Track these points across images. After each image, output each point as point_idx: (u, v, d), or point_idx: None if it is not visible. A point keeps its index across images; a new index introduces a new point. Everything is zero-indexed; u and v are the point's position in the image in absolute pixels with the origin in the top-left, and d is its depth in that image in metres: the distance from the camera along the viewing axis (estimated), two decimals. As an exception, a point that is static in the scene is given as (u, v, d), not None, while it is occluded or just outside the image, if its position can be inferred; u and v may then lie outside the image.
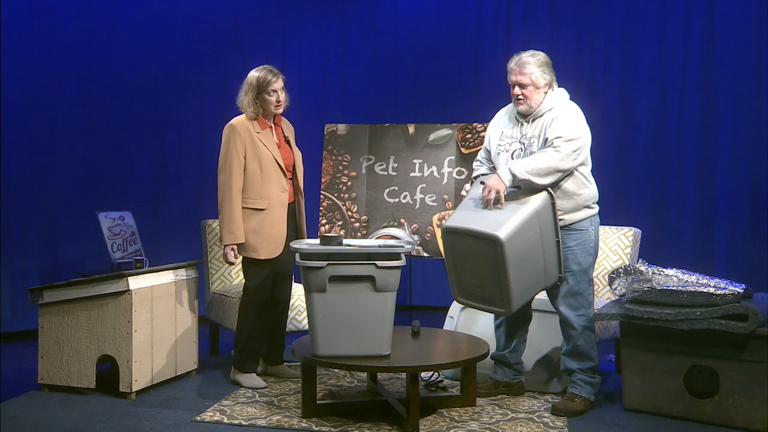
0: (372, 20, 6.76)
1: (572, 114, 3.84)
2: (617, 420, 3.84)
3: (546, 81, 3.86)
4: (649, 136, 6.14)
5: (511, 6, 6.48)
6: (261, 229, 4.19)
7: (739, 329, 3.57)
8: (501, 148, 3.97)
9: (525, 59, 3.87)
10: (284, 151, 4.31)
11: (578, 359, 3.93)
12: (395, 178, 5.13)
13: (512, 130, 3.96)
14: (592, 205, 3.93)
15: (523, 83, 3.85)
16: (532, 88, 3.84)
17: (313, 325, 3.67)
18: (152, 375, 4.22)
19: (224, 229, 4.17)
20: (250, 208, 4.19)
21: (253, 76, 4.23)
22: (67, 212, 5.87)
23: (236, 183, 4.16)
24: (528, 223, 3.63)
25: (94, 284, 4.09)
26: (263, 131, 4.24)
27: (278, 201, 4.23)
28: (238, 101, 4.27)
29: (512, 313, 3.76)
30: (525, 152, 3.87)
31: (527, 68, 3.84)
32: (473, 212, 3.75)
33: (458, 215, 3.81)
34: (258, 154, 4.19)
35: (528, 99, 3.86)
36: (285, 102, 4.27)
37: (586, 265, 3.90)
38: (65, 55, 5.86)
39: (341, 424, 3.70)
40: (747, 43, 5.86)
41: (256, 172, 4.18)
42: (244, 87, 4.25)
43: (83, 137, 5.96)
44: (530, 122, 3.90)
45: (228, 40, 6.44)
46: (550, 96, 3.88)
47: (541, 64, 3.86)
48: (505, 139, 3.97)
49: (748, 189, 5.87)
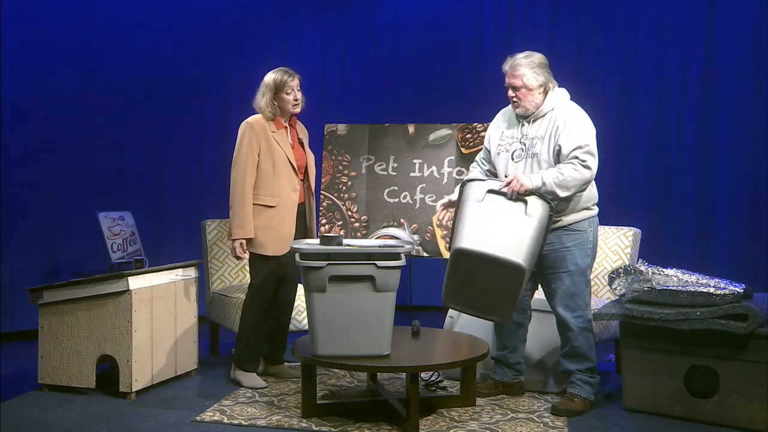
0: (372, 20, 6.76)
1: (581, 119, 3.82)
2: (617, 420, 3.84)
3: (539, 82, 3.83)
4: (649, 136, 6.14)
5: (511, 6, 6.48)
6: (270, 225, 4.22)
7: (739, 329, 3.57)
8: (501, 148, 3.97)
9: (518, 61, 3.85)
10: (297, 152, 4.35)
11: (576, 360, 3.92)
12: (395, 178, 5.13)
13: (513, 130, 3.95)
14: (592, 206, 3.92)
15: (515, 85, 3.85)
16: (524, 90, 3.83)
17: (313, 325, 3.67)
18: (152, 375, 4.22)
19: (234, 224, 4.20)
20: (260, 204, 4.22)
21: (270, 77, 4.28)
22: (67, 212, 5.87)
23: (249, 179, 4.19)
24: (536, 242, 3.61)
25: (94, 284, 4.09)
26: (278, 131, 4.29)
27: (288, 199, 4.26)
28: (255, 103, 4.30)
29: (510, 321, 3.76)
30: (526, 152, 3.86)
31: (519, 70, 3.83)
32: (486, 230, 3.57)
33: (471, 234, 3.57)
34: (272, 152, 4.22)
35: (522, 101, 3.85)
36: (302, 101, 4.31)
37: (584, 266, 3.89)
38: (65, 55, 5.86)
39: (341, 424, 3.70)
40: (747, 43, 5.86)
41: (269, 169, 4.22)
42: (261, 89, 4.29)
43: (83, 137, 5.96)
44: (531, 123, 3.89)
45: (228, 40, 6.44)
46: (550, 97, 3.87)
47: (535, 65, 3.83)
48: (506, 139, 3.96)
49: (748, 189, 5.87)
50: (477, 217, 3.65)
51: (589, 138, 3.76)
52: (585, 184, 3.75)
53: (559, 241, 3.86)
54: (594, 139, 3.79)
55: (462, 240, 3.58)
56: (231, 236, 4.24)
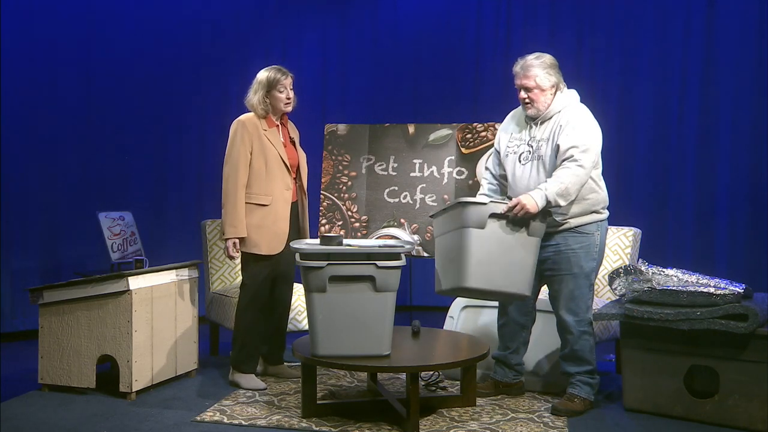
0: (372, 20, 6.76)
1: (584, 119, 3.80)
2: (617, 420, 3.84)
3: (552, 83, 3.82)
4: (649, 136, 6.14)
5: (511, 6, 6.49)
6: (263, 224, 4.20)
7: (739, 329, 3.57)
8: (509, 149, 3.95)
9: (529, 62, 3.83)
10: (289, 150, 4.33)
11: (576, 363, 3.92)
12: (395, 178, 5.13)
13: (521, 132, 3.94)
14: (601, 210, 3.89)
15: (528, 86, 3.82)
16: (537, 91, 3.81)
17: (313, 325, 3.66)
18: (152, 375, 4.22)
19: (227, 223, 4.17)
20: (253, 203, 4.20)
21: (263, 75, 4.26)
22: (67, 212, 5.87)
23: (241, 178, 4.17)
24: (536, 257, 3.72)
25: (94, 284, 4.09)
26: (270, 129, 4.27)
27: (282, 198, 4.24)
28: (247, 101, 4.28)
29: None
30: (533, 154, 3.84)
31: (531, 71, 3.81)
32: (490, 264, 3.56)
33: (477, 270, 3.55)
34: (264, 151, 4.20)
35: (535, 102, 3.83)
36: (294, 101, 4.29)
37: (588, 270, 3.87)
38: (65, 55, 5.86)
39: (341, 424, 3.70)
40: (747, 43, 5.86)
41: (262, 168, 4.20)
42: (254, 86, 4.27)
43: (83, 137, 5.96)
44: (539, 125, 3.87)
45: (228, 40, 6.45)
46: (559, 98, 3.85)
47: (546, 66, 3.82)
48: (514, 141, 3.95)
49: (748, 189, 5.87)
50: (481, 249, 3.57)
51: (588, 139, 3.73)
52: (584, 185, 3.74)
53: (564, 243, 3.85)
54: (596, 142, 3.76)
55: (467, 278, 3.57)
56: (223, 235, 4.22)
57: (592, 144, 3.74)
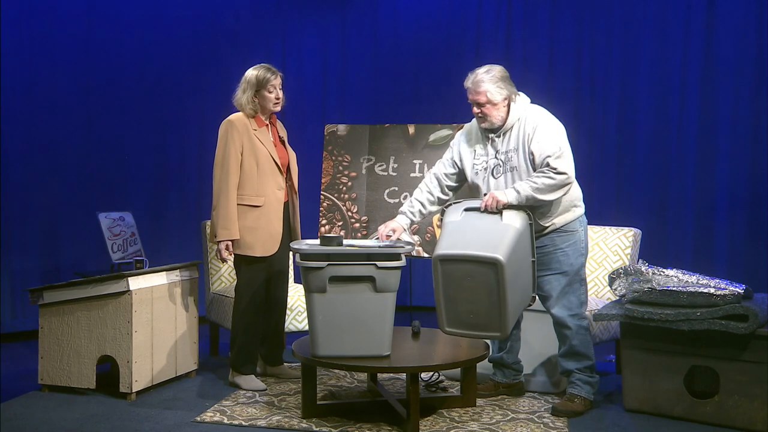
0: (372, 20, 6.76)
1: (549, 122, 3.81)
2: (617, 420, 3.84)
3: (503, 96, 3.81)
4: (649, 136, 6.14)
5: (511, 6, 6.48)
6: (257, 226, 4.17)
7: (740, 329, 3.57)
8: (477, 167, 3.93)
9: (479, 77, 3.82)
10: (280, 150, 4.30)
11: (575, 359, 3.92)
12: (395, 179, 5.13)
13: (486, 148, 3.92)
14: (578, 203, 3.93)
15: (479, 102, 3.82)
16: (489, 105, 3.81)
17: (313, 326, 3.67)
18: (152, 375, 4.22)
19: (219, 225, 4.12)
20: (246, 204, 4.16)
21: (252, 74, 4.21)
22: (67, 212, 5.87)
23: (233, 179, 4.12)
24: (516, 244, 3.59)
25: (95, 285, 4.09)
26: (260, 129, 4.23)
27: (274, 198, 4.22)
28: (235, 100, 4.24)
29: (507, 336, 3.72)
30: (505, 166, 3.84)
31: (481, 86, 3.81)
32: (461, 237, 3.63)
33: (447, 242, 3.62)
34: (255, 151, 4.16)
35: (488, 116, 3.83)
36: (282, 100, 4.26)
37: (578, 266, 3.91)
38: (65, 55, 5.86)
39: (341, 425, 3.70)
40: (747, 43, 5.86)
41: (253, 168, 4.16)
42: (242, 85, 4.23)
43: (83, 137, 5.95)
44: (501, 136, 3.87)
45: (228, 40, 6.44)
46: (514, 108, 3.85)
47: (497, 79, 3.81)
48: (480, 158, 3.93)
49: (748, 189, 5.87)
50: (453, 229, 3.68)
51: (558, 142, 3.74)
52: (565, 187, 3.74)
53: (552, 243, 3.87)
54: (564, 141, 3.77)
55: (438, 249, 3.60)
56: (215, 238, 4.15)
57: (563, 148, 3.74)
